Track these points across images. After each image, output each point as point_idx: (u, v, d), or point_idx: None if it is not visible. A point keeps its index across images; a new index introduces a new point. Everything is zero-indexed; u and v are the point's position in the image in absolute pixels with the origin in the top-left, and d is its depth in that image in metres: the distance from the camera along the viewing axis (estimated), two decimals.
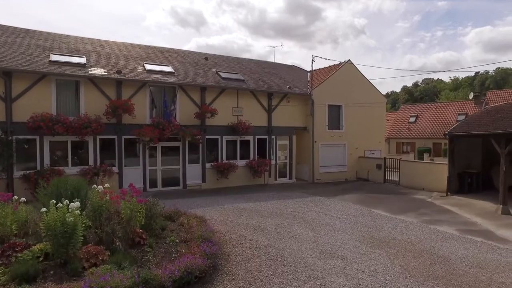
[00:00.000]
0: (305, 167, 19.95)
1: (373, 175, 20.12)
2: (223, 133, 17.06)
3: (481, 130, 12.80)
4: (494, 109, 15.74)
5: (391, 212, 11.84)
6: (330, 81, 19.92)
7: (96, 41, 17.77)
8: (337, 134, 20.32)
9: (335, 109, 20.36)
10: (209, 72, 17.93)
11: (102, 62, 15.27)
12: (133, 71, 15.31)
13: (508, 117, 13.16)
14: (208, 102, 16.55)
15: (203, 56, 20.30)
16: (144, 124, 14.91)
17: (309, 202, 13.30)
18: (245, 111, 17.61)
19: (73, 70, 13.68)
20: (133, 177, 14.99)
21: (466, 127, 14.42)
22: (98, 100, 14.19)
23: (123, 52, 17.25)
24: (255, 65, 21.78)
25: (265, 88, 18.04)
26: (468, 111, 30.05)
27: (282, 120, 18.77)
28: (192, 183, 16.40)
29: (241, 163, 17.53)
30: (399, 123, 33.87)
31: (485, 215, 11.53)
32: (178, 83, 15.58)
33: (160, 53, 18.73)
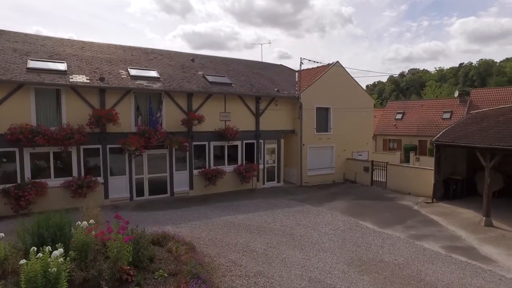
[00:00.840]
0: (293, 170, 19.94)
1: (361, 177, 20.29)
2: (211, 138, 16.82)
3: (467, 141, 12.94)
4: (480, 116, 15.93)
5: (378, 225, 11.95)
6: (319, 84, 19.78)
7: (76, 43, 17.07)
8: (325, 136, 20.31)
9: (323, 112, 20.29)
10: (195, 75, 17.53)
11: (84, 67, 14.70)
12: (117, 77, 14.80)
13: (494, 127, 13.33)
14: (195, 108, 16.23)
15: (190, 57, 19.81)
16: (130, 133, 14.55)
17: (297, 213, 13.30)
18: (232, 116, 17.36)
19: (53, 78, 13.11)
20: (119, 186, 14.77)
21: (452, 136, 14.57)
22: (81, 108, 13.71)
23: (106, 55, 16.64)
24: (242, 66, 21.40)
25: (253, 92, 17.78)
26: (453, 110, 30.51)
27: (270, 124, 18.61)
28: (180, 191, 16.19)
29: (229, 168, 17.37)
30: (386, 119, 34.15)
31: (469, 227, 11.76)
32: (164, 89, 15.17)
33: (144, 55, 18.17)
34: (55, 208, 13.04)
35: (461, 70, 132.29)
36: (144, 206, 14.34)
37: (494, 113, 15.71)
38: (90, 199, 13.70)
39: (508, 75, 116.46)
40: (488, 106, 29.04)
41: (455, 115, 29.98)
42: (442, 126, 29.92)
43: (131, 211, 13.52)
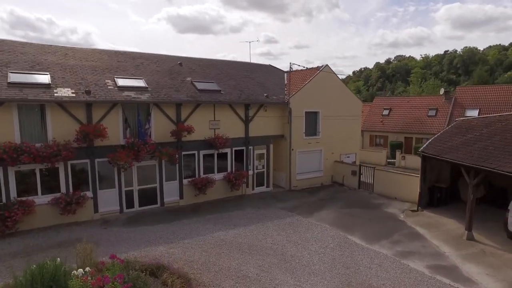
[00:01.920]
0: (282, 174, 20.13)
1: (348, 180, 20.66)
2: (200, 147, 16.75)
3: (452, 157, 13.26)
4: (465, 126, 16.30)
5: (366, 240, 12.28)
6: (308, 88, 19.77)
7: (59, 50, 16.47)
8: (314, 140, 20.48)
9: (312, 116, 20.38)
10: (184, 82, 17.25)
11: (69, 78, 14.27)
12: (103, 88, 14.45)
13: (478, 141, 13.69)
14: (184, 117, 16.07)
15: (177, 60, 19.41)
16: (118, 146, 14.36)
17: (288, 227, 13.52)
18: (222, 123, 17.28)
19: (37, 93, 12.71)
20: (108, 199, 14.68)
21: (438, 148, 14.90)
22: (67, 123, 13.40)
23: (91, 63, 16.15)
24: (231, 68, 21.14)
25: (242, 99, 17.67)
26: (438, 107, 31.04)
27: (259, 130, 18.62)
28: (170, 200, 16.20)
29: (218, 176, 17.41)
30: (373, 115, 34.53)
31: (452, 242, 12.22)
32: (152, 100, 14.92)
33: (131, 60, 17.71)
34: (43, 225, 13.10)
35: (446, 58, 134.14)
36: (135, 219, 14.32)
37: (479, 123, 16.09)
38: (79, 214, 13.69)
39: (490, 63, 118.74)
40: (473, 104, 29.71)
41: (440, 113, 30.54)
42: (427, 123, 30.55)
43: (121, 226, 13.50)
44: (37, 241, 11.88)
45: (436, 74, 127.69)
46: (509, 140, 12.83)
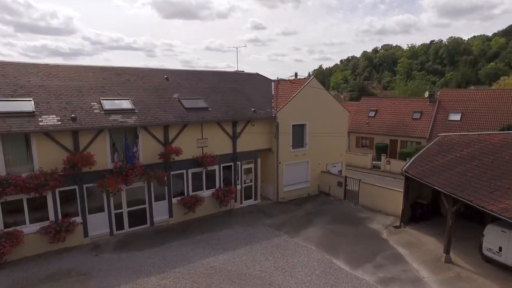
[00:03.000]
0: (270, 186, 20.46)
1: (334, 190, 21.15)
2: (188, 166, 16.88)
3: (433, 182, 13.76)
4: (447, 144, 16.81)
5: (350, 265, 12.79)
6: (295, 101, 19.93)
7: (42, 69, 16.03)
8: (300, 152, 20.79)
9: (299, 128, 20.63)
10: (171, 100, 17.20)
11: (53, 103, 14.07)
12: (89, 113, 14.32)
13: (458, 165, 14.21)
14: (171, 138, 16.11)
15: (164, 74, 19.22)
16: (106, 171, 14.37)
17: (275, 250, 13.91)
18: (209, 141, 17.38)
19: (21, 123, 12.55)
20: (98, 223, 14.79)
21: (420, 169, 15.40)
22: (54, 151, 13.32)
23: (75, 82, 15.87)
24: (218, 79, 21.06)
25: (229, 116, 17.76)
26: (423, 110, 31.67)
27: (247, 145, 18.79)
28: (159, 220, 16.38)
29: (207, 193, 17.64)
30: (359, 116, 34.99)
31: (431, 264, 12.83)
32: (139, 124, 14.89)
33: (116, 77, 17.47)
34: (33, 253, 13.17)
35: (432, 48, 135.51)
36: (125, 243, 14.48)
37: (460, 141, 16.60)
38: (69, 240, 13.79)
39: (474, 54, 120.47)
40: (456, 108, 30.41)
41: (425, 116, 31.19)
42: (412, 126, 31.19)
43: (112, 252, 13.66)
44: (27, 274, 11.97)
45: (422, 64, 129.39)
46: (486, 165, 13.38)
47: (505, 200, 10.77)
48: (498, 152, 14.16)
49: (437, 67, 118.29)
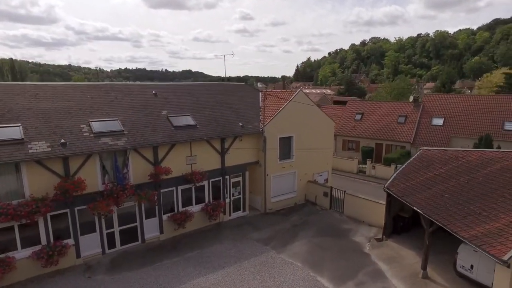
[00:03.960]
0: (258, 197, 21.00)
1: (321, 200, 21.83)
2: (178, 183, 17.24)
3: (412, 201, 14.48)
4: (428, 159, 17.50)
5: (333, 282, 13.48)
6: (282, 114, 20.36)
7: (29, 89, 15.96)
8: (287, 164, 21.33)
9: (286, 140, 21.12)
10: (159, 117, 17.42)
11: (42, 128, 14.18)
12: (79, 136, 14.49)
13: (436, 184, 14.95)
14: (161, 157, 16.41)
15: (151, 90, 19.38)
16: (97, 193, 14.64)
17: (262, 268, 14.49)
18: (198, 157, 17.73)
19: (10, 152, 12.68)
20: (90, 244, 15.13)
21: (401, 186, 16.10)
22: (44, 177, 13.50)
23: (63, 103, 15.93)
24: (206, 92, 21.30)
25: (217, 133, 18.11)
26: (407, 114, 32.49)
27: (235, 159, 19.21)
28: (150, 236, 16.78)
29: (196, 208, 18.08)
30: (346, 120, 35.65)
31: (409, 280, 13.63)
32: (129, 146, 15.14)
33: (104, 95, 17.56)
34: (25, 278, 13.47)
35: (418, 41, 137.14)
36: (118, 263, 14.86)
37: (440, 156, 17.31)
38: (61, 262, 14.10)
39: (459, 48, 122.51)
40: (439, 112, 31.30)
41: (409, 120, 32.02)
42: (397, 131, 32.02)
43: (105, 274, 14.04)
44: None
45: (409, 58, 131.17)
46: (462, 186, 14.14)
47: (476, 226, 11.52)
48: (473, 172, 14.93)
49: (424, 61, 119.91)
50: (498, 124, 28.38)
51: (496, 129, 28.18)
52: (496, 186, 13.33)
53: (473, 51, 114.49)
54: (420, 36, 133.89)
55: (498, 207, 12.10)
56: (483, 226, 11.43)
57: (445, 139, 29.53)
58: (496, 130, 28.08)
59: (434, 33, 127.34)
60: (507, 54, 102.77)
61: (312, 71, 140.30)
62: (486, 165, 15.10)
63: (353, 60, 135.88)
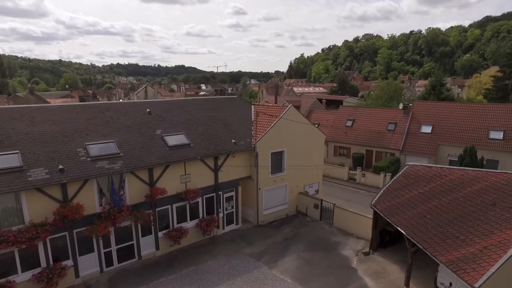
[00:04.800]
0: (250, 210, 21.66)
1: (311, 211, 22.56)
2: (173, 201, 17.80)
3: (396, 221, 15.24)
4: (413, 176, 18.23)
5: None
6: (273, 130, 20.94)
7: (26, 112, 16.28)
8: (279, 177, 21.98)
9: (278, 155, 21.73)
10: (154, 137, 17.90)
11: (40, 154, 14.60)
12: (76, 161, 14.95)
13: (420, 204, 15.73)
14: (156, 177, 16.94)
15: (146, 107, 19.80)
16: (94, 215, 15.15)
17: (254, 284, 15.21)
18: (192, 175, 18.28)
19: (10, 181, 13.12)
20: (88, 263, 15.70)
21: (387, 204, 16.86)
22: (43, 203, 13.97)
23: (59, 126, 16.30)
24: (199, 108, 21.79)
25: (211, 151, 18.64)
26: (397, 121, 33.27)
27: (228, 175, 19.79)
28: (147, 253, 17.37)
29: (191, 224, 18.69)
30: (337, 126, 36.33)
31: None
32: (125, 169, 15.63)
33: (100, 115, 17.95)
34: None
35: (411, 38, 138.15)
36: (115, 281, 15.45)
37: (425, 173, 18.02)
38: (61, 283, 14.64)
39: (451, 45, 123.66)
40: (427, 120, 32.11)
41: (399, 127, 32.80)
42: (386, 138, 32.80)
43: None
44: None
45: (401, 55, 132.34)
46: (443, 207, 14.93)
47: (453, 250, 12.31)
48: (455, 191, 15.71)
49: (416, 58, 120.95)
50: (484, 132, 29.28)
51: (482, 137, 29.08)
52: (474, 208, 14.12)
53: (464, 48, 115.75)
54: (412, 33, 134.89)
55: (474, 231, 12.90)
56: (460, 250, 12.22)
57: (433, 147, 30.38)
58: (481, 139, 28.98)
59: (426, 30, 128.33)
60: (497, 52, 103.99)
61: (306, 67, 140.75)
62: (467, 184, 15.88)
63: (346, 56, 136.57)
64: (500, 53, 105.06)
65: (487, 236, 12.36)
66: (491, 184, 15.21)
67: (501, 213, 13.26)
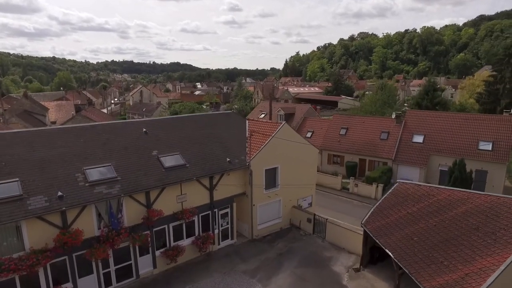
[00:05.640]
0: (245, 225, 22.21)
1: (304, 225, 23.16)
2: (169, 221, 18.28)
3: (384, 243, 15.87)
4: (403, 195, 18.83)
5: None
6: (267, 148, 21.42)
7: (25, 137, 16.66)
8: (273, 193, 22.51)
9: (272, 171, 22.24)
10: (151, 159, 18.31)
11: (39, 180, 14.96)
12: (74, 187, 15.35)
13: (408, 225, 16.34)
14: (153, 199, 17.39)
15: (142, 127, 20.17)
16: (93, 238, 15.60)
17: None
18: (188, 195, 18.75)
19: (11, 211, 13.50)
20: (88, 284, 16.15)
21: (377, 224, 17.48)
22: (43, 229, 14.37)
23: (58, 150, 16.63)
24: (194, 125, 22.23)
25: (206, 171, 19.11)
26: (390, 130, 33.87)
27: (223, 193, 20.28)
28: (145, 272, 17.86)
29: (187, 241, 19.22)
30: (331, 134, 36.84)
31: None
32: (123, 194, 16.06)
33: (97, 137, 18.29)
34: None
35: (406, 37, 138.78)
36: None
37: (414, 192, 18.60)
38: None
39: (445, 44, 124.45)
40: (419, 129, 32.74)
41: (391, 136, 33.40)
42: (379, 147, 33.42)
43: None
44: None
45: (396, 53, 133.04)
46: (430, 229, 15.54)
47: (437, 276, 12.94)
48: (441, 213, 16.33)
49: (411, 57, 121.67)
50: (474, 143, 29.95)
51: (472, 148, 29.75)
52: (458, 232, 14.76)
53: (458, 47, 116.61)
54: (407, 31, 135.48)
55: (457, 256, 13.54)
56: (443, 276, 12.85)
57: (424, 157, 31.04)
58: (471, 149, 29.66)
59: (421, 29, 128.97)
60: (490, 51, 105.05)
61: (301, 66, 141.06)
62: (453, 206, 16.50)
63: (341, 55, 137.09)
64: (493, 52, 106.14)
65: (469, 263, 12.99)
66: (476, 206, 15.85)
67: (483, 238, 13.92)
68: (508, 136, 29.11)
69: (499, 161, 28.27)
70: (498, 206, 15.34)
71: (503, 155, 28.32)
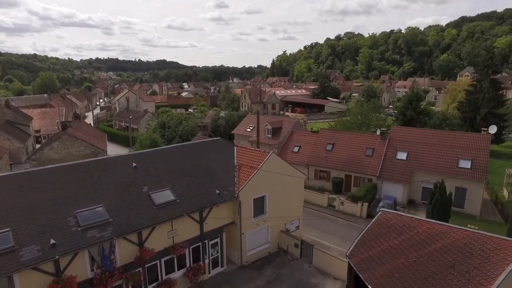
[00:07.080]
0: (235, 252, 22.80)
1: (292, 249, 23.92)
2: (161, 256, 18.72)
3: (367, 278, 16.69)
4: (386, 226, 19.70)
5: None
6: (255, 178, 21.97)
7: (14, 181, 16.78)
8: (261, 220, 23.14)
9: (260, 200, 22.84)
10: (141, 196, 18.66)
11: (31, 228, 15.16)
12: (67, 232, 15.60)
13: (390, 259, 17.19)
14: (145, 237, 17.78)
15: (131, 162, 20.43)
16: (87, 281, 15.94)
17: None
18: (178, 230, 19.20)
19: (3, 264, 13.69)
20: None
21: (361, 256, 18.30)
22: (36, 277, 14.62)
23: (48, 193, 16.81)
24: (182, 155, 22.65)
25: (196, 205, 19.58)
26: (375, 147, 34.81)
27: (212, 224, 20.79)
28: None
29: (179, 273, 19.72)
30: (318, 150, 37.59)
31: None
32: (116, 236, 16.40)
33: (88, 176, 18.51)
34: None
35: (391, 37, 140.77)
36: None
37: (396, 223, 19.48)
38: None
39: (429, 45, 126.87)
40: (403, 147, 33.78)
41: (376, 153, 34.37)
42: (364, 163, 34.35)
43: None
44: None
45: (382, 54, 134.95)
46: (410, 265, 16.43)
47: None
48: (421, 248, 17.22)
49: (396, 57, 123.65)
50: (454, 161, 31.17)
51: (452, 166, 30.95)
52: (436, 269, 15.66)
53: (442, 48, 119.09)
54: (392, 32, 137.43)
55: None
56: None
57: (407, 174, 32.12)
58: (451, 167, 30.87)
59: (406, 29, 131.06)
60: (472, 53, 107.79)
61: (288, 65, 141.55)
62: (432, 240, 17.41)
63: (328, 55, 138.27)
64: (474, 53, 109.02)
65: None
66: (453, 242, 16.80)
67: (458, 277, 14.85)
68: (485, 154, 30.40)
69: (477, 179, 29.53)
70: (472, 242, 16.32)
71: (480, 174, 29.60)
